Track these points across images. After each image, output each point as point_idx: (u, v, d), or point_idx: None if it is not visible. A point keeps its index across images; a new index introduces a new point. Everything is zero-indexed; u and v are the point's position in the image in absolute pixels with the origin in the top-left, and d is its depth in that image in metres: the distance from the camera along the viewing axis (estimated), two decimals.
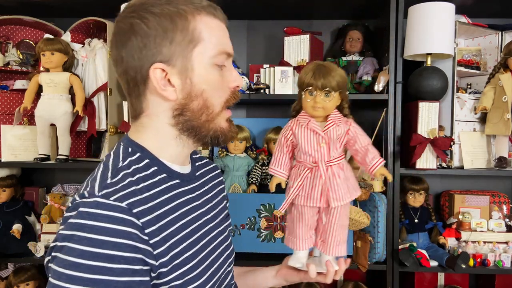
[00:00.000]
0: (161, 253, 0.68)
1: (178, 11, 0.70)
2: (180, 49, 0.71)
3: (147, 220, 0.67)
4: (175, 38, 0.70)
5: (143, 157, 0.75)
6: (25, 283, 1.86)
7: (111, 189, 0.66)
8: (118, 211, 0.64)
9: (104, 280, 0.60)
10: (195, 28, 0.71)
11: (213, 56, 0.73)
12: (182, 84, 0.72)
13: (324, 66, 1.01)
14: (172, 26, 0.70)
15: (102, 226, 0.62)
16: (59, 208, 1.90)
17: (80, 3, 1.86)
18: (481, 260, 1.74)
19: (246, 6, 1.86)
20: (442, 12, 1.61)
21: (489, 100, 1.73)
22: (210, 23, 0.73)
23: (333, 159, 1.02)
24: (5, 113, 1.85)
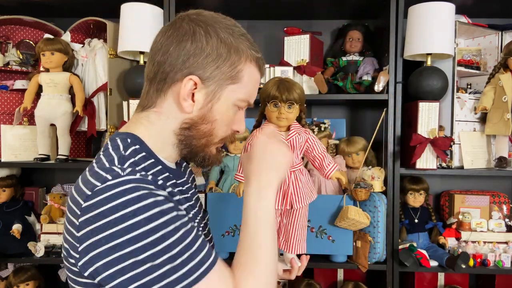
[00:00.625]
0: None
1: (238, 47, 0.76)
2: (220, 77, 0.75)
3: (170, 191, 0.74)
4: (222, 67, 0.75)
5: (141, 150, 0.76)
6: (25, 283, 1.86)
7: (132, 167, 0.70)
8: (145, 182, 0.68)
9: (178, 225, 0.67)
10: (241, 70, 0.77)
11: (239, 100, 0.79)
12: (203, 104, 0.76)
13: (286, 81, 1.15)
14: (226, 56, 0.75)
15: (142, 194, 0.65)
16: (59, 208, 1.90)
17: (80, 3, 1.86)
18: (481, 260, 1.74)
19: (246, 6, 1.86)
20: (442, 12, 1.61)
21: (489, 100, 1.73)
22: (253, 74, 0.80)
23: (295, 165, 1.15)
24: (5, 113, 1.85)
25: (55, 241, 1.86)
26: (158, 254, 0.64)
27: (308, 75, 1.77)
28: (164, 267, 0.64)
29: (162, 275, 0.64)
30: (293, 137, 1.15)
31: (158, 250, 0.64)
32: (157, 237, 0.64)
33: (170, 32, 0.76)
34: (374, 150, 1.86)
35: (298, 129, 1.17)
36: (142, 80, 1.70)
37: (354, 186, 1.69)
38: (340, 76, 1.84)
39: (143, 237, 0.63)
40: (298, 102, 1.14)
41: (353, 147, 1.82)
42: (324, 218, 1.68)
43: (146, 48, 1.69)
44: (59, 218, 1.88)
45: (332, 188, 1.84)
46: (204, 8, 2.02)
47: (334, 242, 1.69)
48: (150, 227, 0.64)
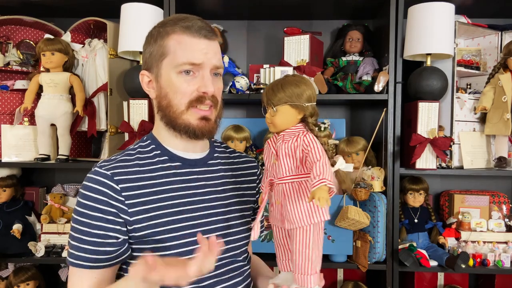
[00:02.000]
0: (137, 212, 0.90)
1: (163, 31, 0.93)
2: (154, 60, 0.94)
3: (127, 186, 0.90)
4: (153, 52, 0.94)
5: (151, 144, 0.98)
6: (25, 283, 1.86)
7: (106, 162, 0.93)
8: (101, 176, 0.91)
9: (86, 222, 0.89)
10: (166, 44, 0.92)
11: (176, 66, 0.91)
12: (156, 87, 0.95)
13: (278, 83, 0.96)
14: (154, 41, 0.94)
15: (89, 185, 0.90)
16: (59, 208, 1.90)
17: (80, 3, 1.86)
18: (480, 260, 1.74)
19: (246, 6, 1.86)
20: (442, 12, 1.62)
21: (488, 100, 1.74)
22: (180, 40, 0.92)
23: (285, 176, 0.93)
24: (6, 113, 1.85)
25: (55, 241, 1.86)
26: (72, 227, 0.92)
27: (308, 75, 1.77)
28: (69, 237, 0.92)
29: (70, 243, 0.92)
30: (280, 144, 0.95)
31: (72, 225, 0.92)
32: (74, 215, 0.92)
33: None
34: (374, 150, 1.86)
35: (289, 135, 0.95)
36: None
37: (354, 186, 1.70)
38: (340, 76, 1.84)
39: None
40: (277, 104, 0.94)
41: (353, 147, 1.83)
42: None
43: None
44: (59, 218, 1.88)
45: None
46: (204, 8, 2.01)
47: (334, 242, 1.69)
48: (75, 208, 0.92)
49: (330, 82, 1.79)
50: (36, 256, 1.80)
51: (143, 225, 0.90)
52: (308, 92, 0.95)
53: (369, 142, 1.79)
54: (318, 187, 0.83)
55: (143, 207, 0.91)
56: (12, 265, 1.93)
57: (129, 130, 1.70)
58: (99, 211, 0.89)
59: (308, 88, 0.96)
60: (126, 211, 0.89)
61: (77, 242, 0.89)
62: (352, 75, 1.82)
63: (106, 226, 0.89)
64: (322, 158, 0.88)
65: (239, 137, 1.86)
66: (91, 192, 0.90)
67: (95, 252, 0.89)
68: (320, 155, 0.89)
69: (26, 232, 1.84)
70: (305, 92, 0.95)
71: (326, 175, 0.85)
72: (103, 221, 0.89)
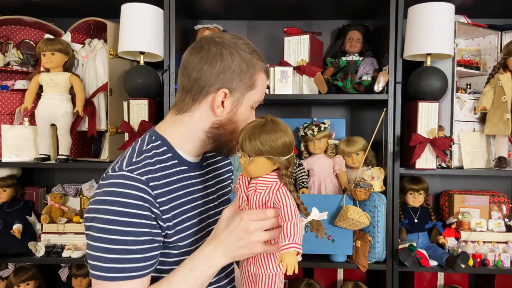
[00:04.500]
0: (168, 219, 0.89)
1: (253, 62, 0.96)
2: (242, 87, 0.95)
3: (159, 192, 0.88)
4: (244, 79, 0.95)
5: (163, 145, 0.96)
6: (25, 283, 1.87)
7: (134, 166, 0.88)
8: (138, 182, 0.86)
9: (132, 231, 0.83)
10: (256, 79, 0.97)
11: (254, 102, 0.98)
12: (230, 109, 0.95)
13: (256, 132, 0.87)
14: (246, 70, 0.95)
15: (128, 192, 0.84)
16: (59, 208, 1.90)
17: (80, 3, 1.86)
18: (480, 260, 1.74)
19: (246, 6, 1.86)
20: (442, 12, 1.62)
21: (488, 100, 1.74)
22: (264, 80, 1.00)
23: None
24: (6, 113, 1.85)
25: (55, 241, 1.86)
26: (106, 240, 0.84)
27: (308, 75, 1.77)
28: (100, 252, 0.84)
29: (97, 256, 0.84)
30: (252, 194, 0.89)
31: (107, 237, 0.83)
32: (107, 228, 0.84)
33: (202, 55, 0.94)
34: (374, 150, 1.87)
35: (261, 184, 0.88)
36: (142, 80, 1.71)
37: (354, 186, 1.70)
38: (340, 76, 1.84)
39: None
40: (257, 155, 0.86)
41: (353, 147, 1.83)
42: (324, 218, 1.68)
43: (146, 48, 1.70)
44: (59, 218, 1.88)
45: (332, 188, 1.84)
46: (204, 8, 2.03)
47: (334, 242, 1.69)
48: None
49: (330, 82, 1.79)
50: (36, 256, 1.80)
51: (172, 231, 0.90)
52: (286, 143, 0.87)
53: (369, 142, 1.79)
54: (287, 252, 0.81)
55: (172, 212, 0.90)
56: (12, 265, 1.94)
57: (129, 130, 1.70)
58: (144, 218, 0.85)
59: (286, 136, 0.87)
60: (161, 217, 0.88)
61: (119, 254, 0.83)
62: (352, 75, 1.82)
63: (152, 231, 0.86)
64: (293, 218, 0.84)
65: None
66: (131, 199, 0.84)
67: (143, 260, 0.85)
68: (291, 215, 0.84)
69: (26, 232, 1.84)
70: (282, 144, 0.86)
71: (296, 238, 0.82)
72: (149, 226, 0.86)
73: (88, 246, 0.86)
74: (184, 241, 0.93)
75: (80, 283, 1.94)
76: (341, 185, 1.85)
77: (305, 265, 1.77)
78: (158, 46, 1.72)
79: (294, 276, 1.91)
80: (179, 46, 1.79)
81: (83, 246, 1.83)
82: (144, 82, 1.71)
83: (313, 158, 1.89)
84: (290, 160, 0.89)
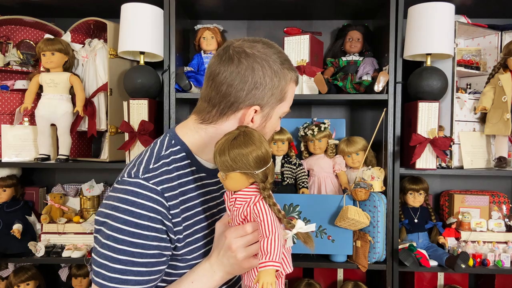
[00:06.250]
0: (179, 231, 0.86)
1: (284, 74, 0.92)
2: (272, 101, 0.92)
3: (173, 203, 0.85)
4: (275, 93, 0.91)
5: (182, 151, 0.93)
6: (25, 283, 1.87)
7: (150, 174, 0.85)
8: (154, 193, 0.83)
9: (140, 243, 0.81)
10: (287, 91, 0.94)
11: (283, 112, 0.97)
12: (260, 124, 0.93)
13: (225, 147, 0.82)
14: (278, 84, 0.91)
15: (142, 202, 0.81)
16: (59, 208, 1.90)
17: (80, 3, 1.86)
18: (480, 260, 1.74)
19: (246, 6, 1.86)
20: (442, 12, 1.62)
21: (488, 100, 1.74)
22: (293, 90, 0.97)
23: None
24: (6, 113, 1.85)
25: (55, 241, 1.86)
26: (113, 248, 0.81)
27: (308, 75, 1.77)
28: (105, 259, 0.81)
29: (102, 264, 0.82)
30: (233, 208, 0.87)
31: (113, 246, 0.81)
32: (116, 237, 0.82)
33: (232, 69, 0.88)
34: (374, 150, 1.86)
35: (240, 198, 0.85)
36: (142, 80, 1.71)
37: (354, 186, 1.70)
38: (340, 76, 1.84)
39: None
40: (229, 170, 0.82)
41: (353, 147, 1.83)
42: (324, 218, 1.69)
43: (146, 48, 1.70)
44: (59, 218, 1.88)
45: (332, 188, 1.84)
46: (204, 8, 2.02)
47: (334, 242, 1.69)
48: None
49: (330, 82, 1.79)
50: (36, 256, 1.80)
51: (181, 244, 0.88)
52: (258, 157, 0.82)
53: (369, 142, 1.79)
54: (265, 270, 0.77)
55: (183, 224, 0.88)
56: (12, 265, 1.94)
57: (129, 130, 1.70)
58: (155, 231, 0.82)
59: (258, 149, 0.82)
60: (172, 230, 0.85)
61: (123, 265, 0.81)
62: (352, 75, 1.82)
63: (161, 245, 0.84)
64: (270, 234, 0.79)
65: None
66: (144, 210, 0.81)
67: (148, 274, 0.83)
68: (269, 231, 0.80)
69: (26, 232, 1.84)
70: (254, 158, 0.81)
71: (274, 255, 0.78)
72: (158, 240, 0.83)
73: (95, 251, 0.84)
74: (193, 254, 0.90)
75: (80, 283, 1.94)
76: (341, 185, 1.85)
77: (305, 265, 1.77)
78: (158, 46, 1.72)
79: (294, 276, 1.91)
80: (179, 46, 1.79)
81: (83, 246, 1.83)
82: (144, 82, 1.71)
83: (313, 158, 1.89)
84: (266, 172, 0.83)
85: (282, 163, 1.86)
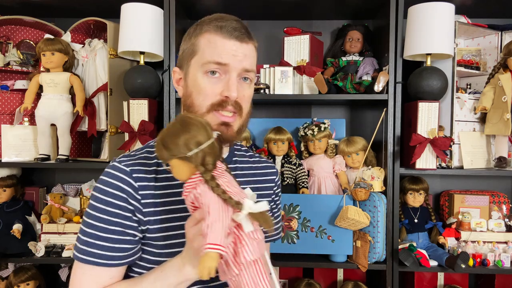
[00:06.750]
0: (150, 213, 0.88)
1: (198, 29, 0.92)
2: (185, 58, 0.93)
3: (143, 185, 0.88)
4: (186, 49, 0.93)
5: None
6: (25, 283, 1.86)
7: (126, 158, 0.91)
8: (121, 172, 0.88)
9: (103, 218, 0.86)
10: (198, 43, 0.90)
11: (202, 64, 0.89)
12: (184, 85, 0.94)
13: (158, 138, 0.81)
14: (189, 40, 0.93)
15: (107, 180, 0.88)
16: (59, 208, 1.90)
17: (80, 3, 1.86)
18: (480, 260, 1.74)
19: (246, 6, 1.86)
20: (442, 12, 1.62)
21: (488, 100, 1.74)
22: (211, 38, 0.89)
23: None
24: (6, 113, 1.85)
25: (55, 241, 1.86)
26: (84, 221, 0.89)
27: (308, 75, 1.77)
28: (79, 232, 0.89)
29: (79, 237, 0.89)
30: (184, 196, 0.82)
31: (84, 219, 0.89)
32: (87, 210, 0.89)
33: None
34: (374, 150, 1.86)
35: (188, 188, 0.80)
36: (142, 80, 1.71)
37: (354, 186, 1.70)
38: (340, 76, 1.84)
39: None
40: (165, 159, 0.80)
41: (353, 147, 1.83)
42: (324, 218, 1.69)
43: (146, 48, 1.70)
44: (59, 218, 1.88)
45: (332, 188, 1.84)
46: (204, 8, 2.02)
47: (334, 242, 1.69)
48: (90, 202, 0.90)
49: (330, 82, 1.79)
50: (36, 256, 1.80)
51: (154, 227, 0.89)
52: (186, 137, 0.77)
53: (369, 142, 1.79)
54: (205, 254, 0.70)
55: (155, 209, 0.89)
56: (12, 265, 1.94)
57: (129, 130, 1.70)
58: (118, 207, 0.86)
59: (186, 131, 0.78)
60: (141, 211, 0.88)
61: (90, 238, 0.86)
62: (352, 75, 1.82)
63: (123, 223, 0.87)
64: (211, 216, 0.73)
65: (239, 137, 1.86)
66: (110, 187, 0.87)
67: (111, 249, 0.86)
68: (209, 213, 0.74)
69: (26, 232, 1.84)
70: (183, 140, 0.77)
71: (213, 238, 0.72)
72: (121, 217, 0.86)
73: None
74: (168, 240, 0.90)
75: None
76: (341, 185, 1.85)
77: (305, 265, 1.77)
78: (158, 46, 1.72)
79: (294, 276, 1.91)
80: (179, 46, 1.79)
81: None
82: (144, 82, 1.71)
83: (313, 158, 1.89)
84: (203, 154, 0.77)
85: (282, 163, 1.86)
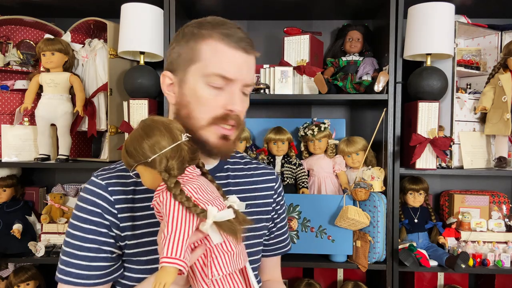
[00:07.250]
0: (127, 228, 0.84)
1: (197, 33, 0.82)
2: (182, 63, 0.83)
3: (119, 198, 0.84)
4: (182, 54, 0.84)
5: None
6: (25, 283, 1.86)
7: (104, 172, 0.88)
8: (96, 187, 0.85)
9: (79, 235, 0.83)
10: (200, 49, 0.81)
11: (205, 75, 0.81)
12: (178, 93, 0.85)
13: (125, 143, 0.77)
14: (186, 44, 0.83)
15: (84, 196, 0.85)
16: (59, 208, 1.90)
17: (80, 3, 1.86)
18: (480, 260, 1.74)
19: (246, 6, 1.86)
20: (442, 12, 1.62)
21: (488, 100, 1.74)
22: (217, 47, 0.81)
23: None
24: (6, 113, 1.85)
25: (55, 241, 1.86)
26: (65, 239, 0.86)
27: (308, 75, 1.77)
28: (61, 253, 0.86)
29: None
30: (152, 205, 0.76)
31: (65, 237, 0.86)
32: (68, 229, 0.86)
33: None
34: (374, 150, 1.86)
35: (156, 195, 0.74)
36: (142, 80, 1.71)
37: (354, 186, 1.70)
38: (340, 76, 1.84)
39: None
40: (130, 165, 0.76)
41: (353, 147, 1.83)
42: (324, 218, 1.69)
43: (146, 48, 1.70)
44: (59, 218, 1.88)
45: (332, 188, 1.84)
46: (204, 8, 2.02)
47: (334, 242, 1.69)
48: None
49: (330, 82, 1.79)
50: (36, 256, 1.80)
51: (132, 242, 0.84)
52: (146, 142, 0.72)
53: (369, 142, 1.79)
54: (161, 268, 0.66)
55: (134, 223, 0.84)
56: (12, 265, 1.94)
57: (129, 130, 1.70)
58: (93, 224, 0.83)
59: (145, 136, 0.73)
60: (117, 225, 0.84)
61: (68, 257, 0.84)
62: (352, 75, 1.82)
63: (98, 239, 0.83)
64: (170, 228, 0.68)
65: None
66: (86, 203, 0.84)
67: (87, 268, 0.83)
68: (169, 224, 0.68)
69: (26, 232, 1.84)
70: (142, 145, 0.72)
71: (169, 251, 0.67)
72: (96, 233, 0.83)
73: None
74: (149, 256, 0.84)
75: None
76: (341, 185, 1.85)
77: (305, 265, 1.77)
78: (158, 46, 1.72)
79: (294, 276, 1.91)
80: None
81: None
82: (144, 82, 1.71)
83: (313, 158, 1.89)
84: (165, 158, 0.71)
85: (282, 163, 1.86)
